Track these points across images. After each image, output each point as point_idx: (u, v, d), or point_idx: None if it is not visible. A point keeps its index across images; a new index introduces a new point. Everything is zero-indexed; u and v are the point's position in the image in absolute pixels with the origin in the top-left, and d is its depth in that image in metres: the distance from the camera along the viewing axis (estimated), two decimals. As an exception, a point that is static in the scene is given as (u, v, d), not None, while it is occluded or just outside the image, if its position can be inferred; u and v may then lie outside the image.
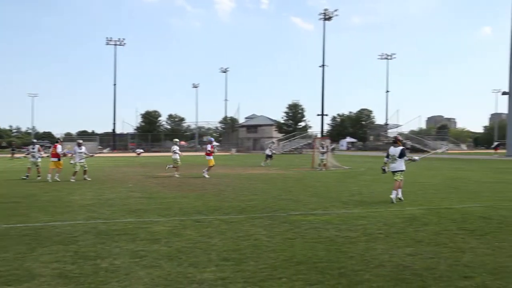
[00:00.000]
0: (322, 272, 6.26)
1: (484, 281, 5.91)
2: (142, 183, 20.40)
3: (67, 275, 6.18)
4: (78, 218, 10.87)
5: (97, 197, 15.17)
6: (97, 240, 8.39)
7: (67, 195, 15.76)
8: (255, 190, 17.24)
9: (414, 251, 7.50)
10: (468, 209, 12.20)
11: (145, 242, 8.17)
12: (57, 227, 9.72)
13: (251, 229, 9.38)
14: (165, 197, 15.04)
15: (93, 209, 12.42)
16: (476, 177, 23.79)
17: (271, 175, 24.96)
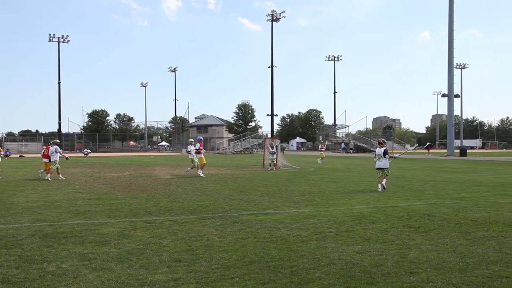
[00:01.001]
0: (274, 271, 6.30)
1: (429, 276, 6.07)
2: (90, 184, 20.05)
3: (10, 280, 6.00)
4: (22, 221, 10.58)
5: (43, 198, 14.82)
6: (43, 243, 8.20)
7: (10, 196, 15.36)
8: (206, 190, 17.20)
9: (363, 248, 7.62)
10: (413, 207, 12.50)
11: (94, 245, 8.04)
12: (1, 230, 9.46)
13: (203, 229, 9.35)
14: (114, 198, 14.83)
15: (39, 211, 12.11)
16: (420, 176, 24.39)
17: (222, 175, 24.95)
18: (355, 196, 14.95)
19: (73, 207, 12.77)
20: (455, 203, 13.42)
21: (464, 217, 10.77)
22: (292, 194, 15.58)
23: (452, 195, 15.32)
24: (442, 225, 9.84)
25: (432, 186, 18.81)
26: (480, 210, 11.99)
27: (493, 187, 18.32)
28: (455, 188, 17.93)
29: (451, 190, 16.97)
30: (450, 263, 6.72)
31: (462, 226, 9.71)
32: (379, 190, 16.67)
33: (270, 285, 5.71)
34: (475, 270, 6.41)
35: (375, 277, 6.02)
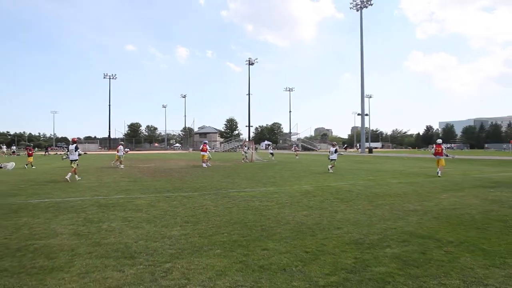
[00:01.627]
0: (250, 228, 6.34)
1: (349, 229, 6.19)
2: (129, 171, 19.81)
3: (79, 233, 6.03)
4: (85, 195, 10.45)
5: (98, 181, 14.59)
6: (99, 210, 8.14)
7: (78, 180, 15.11)
8: (205, 176, 17.13)
9: (308, 213, 7.70)
10: (339, 186, 12.63)
11: (131, 211, 7.99)
12: (72, 202, 9.32)
13: (203, 201, 9.32)
14: (145, 181, 14.68)
15: (96, 189, 11.95)
16: (343, 166, 24.62)
17: (216, 166, 24.84)
18: (303, 179, 15.04)
19: (118, 187, 12.62)
20: (365, 183, 13.61)
21: (371, 192, 10.94)
22: (262, 178, 15.62)
23: (364, 178, 15.52)
24: (357, 197, 9.97)
25: (351, 172, 19.01)
26: (380, 187, 12.18)
27: (388, 172, 18.62)
28: (365, 173, 18.16)
29: (363, 175, 17.18)
30: (361, 221, 6.86)
31: (369, 197, 9.86)
32: (330, 172, 18.35)
33: (248, 237, 5.75)
34: (377, 224, 6.56)
35: (315, 231, 6.11)
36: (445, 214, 7.48)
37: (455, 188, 11.76)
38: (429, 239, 5.57)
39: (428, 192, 10.93)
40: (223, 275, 4.09)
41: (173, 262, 4.56)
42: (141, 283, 3.90)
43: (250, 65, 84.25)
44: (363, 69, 60.86)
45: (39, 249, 5.13)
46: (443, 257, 4.70)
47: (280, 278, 4.00)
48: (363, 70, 60.95)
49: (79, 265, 4.46)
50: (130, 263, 4.54)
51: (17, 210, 8.24)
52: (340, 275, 4.08)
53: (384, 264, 4.42)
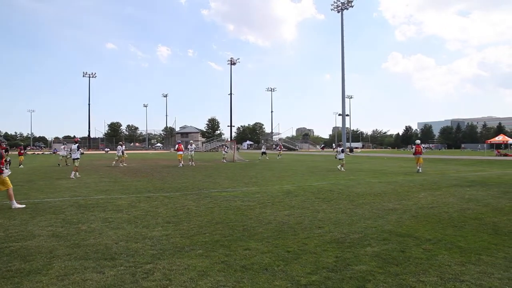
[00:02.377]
0: (232, 228, 6.34)
1: (330, 228, 6.25)
2: (109, 172, 19.51)
3: (58, 235, 5.91)
4: (64, 196, 10.26)
5: (78, 181, 14.31)
6: (78, 211, 7.99)
7: (56, 180, 14.80)
8: (187, 175, 17.02)
9: (289, 213, 7.74)
10: (320, 185, 12.74)
11: (112, 212, 7.88)
12: (50, 202, 9.13)
13: (184, 201, 9.26)
14: (125, 181, 14.48)
15: (75, 189, 11.72)
16: (324, 165, 24.85)
17: (198, 166, 24.70)
18: (285, 179, 15.12)
19: (98, 187, 12.41)
20: (346, 182, 13.77)
21: (352, 191, 11.08)
22: (244, 178, 15.62)
23: (344, 178, 15.70)
24: (338, 196, 10.07)
25: (332, 172, 19.20)
26: (361, 186, 12.35)
27: (368, 172, 18.90)
28: (346, 173, 18.36)
29: (344, 175, 17.37)
30: (342, 220, 6.93)
31: (350, 196, 9.99)
32: (342, 170, 19.54)
33: (230, 237, 5.75)
34: (357, 223, 6.64)
35: (297, 231, 6.15)
36: (424, 213, 7.65)
37: (432, 187, 12.03)
38: (408, 237, 5.68)
39: (407, 191, 11.14)
40: (205, 276, 4.07)
41: (155, 263, 4.51)
42: (122, 284, 3.84)
43: (232, 64, 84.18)
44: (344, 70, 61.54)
45: (15, 252, 5.00)
46: (421, 254, 4.80)
47: (262, 278, 4.01)
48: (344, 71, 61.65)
49: (58, 267, 4.37)
50: (111, 264, 4.47)
51: (-8, 211, 8.00)
52: (322, 274, 4.12)
53: (364, 263, 4.48)
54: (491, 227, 6.37)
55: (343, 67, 61.47)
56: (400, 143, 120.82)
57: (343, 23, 61.16)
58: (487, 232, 6.06)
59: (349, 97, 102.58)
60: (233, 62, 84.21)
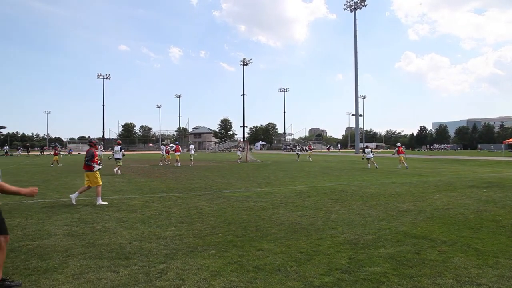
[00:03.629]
0: (245, 229, 6.34)
1: (343, 230, 6.20)
2: (123, 172, 19.73)
3: (73, 234, 6.01)
4: (79, 196, 10.37)
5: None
6: (93, 210, 8.11)
7: (71, 180, 15.04)
8: (200, 176, 17.10)
9: (302, 213, 7.71)
10: (334, 186, 12.66)
11: (126, 212, 7.96)
12: (65, 202, 9.28)
13: (197, 202, 9.31)
14: (139, 181, 14.63)
15: (90, 190, 11.86)
16: (338, 166, 24.69)
17: (211, 166, 24.83)
18: (298, 180, 15.07)
19: (112, 187, 12.56)
20: (360, 183, 13.66)
21: (365, 192, 10.98)
22: (257, 178, 15.62)
23: (358, 178, 15.58)
24: (351, 197, 10.00)
25: (346, 172, 19.07)
26: (374, 187, 12.24)
27: (382, 173, 18.70)
28: (360, 173, 18.22)
29: (357, 175, 17.24)
30: (356, 221, 6.88)
31: (363, 197, 9.90)
32: (376, 167, 21.83)
33: (242, 237, 5.75)
34: (371, 225, 6.58)
35: (310, 231, 6.12)
36: (439, 214, 7.53)
37: (448, 188, 11.84)
38: (423, 239, 5.60)
39: (422, 192, 10.99)
40: (218, 276, 4.08)
41: (168, 262, 4.54)
42: (136, 283, 3.88)
43: (245, 65, 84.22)
44: (357, 69, 61.12)
45: (32, 250, 5.09)
46: (437, 257, 4.72)
47: (275, 279, 4.00)
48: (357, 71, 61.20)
49: (73, 266, 4.43)
50: (125, 263, 4.51)
51: (10, 210, 8.17)
52: (335, 275, 4.08)
53: (378, 264, 4.43)
54: (509, 230, 6.23)
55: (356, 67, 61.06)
56: (414, 144, 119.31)
57: (356, 22, 60.74)
58: (505, 234, 5.92)
59: (362, 97, 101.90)
60: (245, 63, 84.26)
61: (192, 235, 5.93)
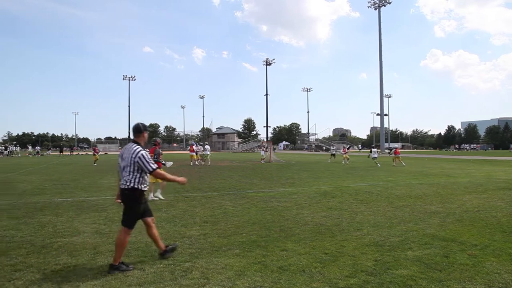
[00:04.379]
0: (268, 229, 6.33)
1: (368, 231, 6.10)
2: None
3: (101, 232, 6.16)
4: (106, 194, 10.68)
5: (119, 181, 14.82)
6: (120, 209, 8.16)
7: (99, 179, 15.42)
8: (224, 176, 17.21)
9: (327, 214, 7.64)
10: (358, 187, 12.49)
11: (152, 211, 8.07)
12: (93, 201, 9.52)
13: (221, 202, 9.36)
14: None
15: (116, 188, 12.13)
16: (362, 166, 24.34)
17: (234, 166, 24.93)
18: (322, 180, 14.94)
19: (139, 188, 12.79)
20: (385, 184, 13.42)
21: (391, 193, 10.78)
22: (280, 179, 15.59)
23: (383, 179, 15.31)
24: (377, 198, 9.84)
25: (371, 173, 18.78)
26: (400, 188, 11.99)
27: (408, 173, 18.31)
28: (385, 174, 17.91)
29: (383, 176, 16.95)
30: (381, 223, 6.75)
31: (389, 198, 9.72)
32: (379, 166, 23.73)
33: (266, 238, 5.74)
34: (397, 226, 6.45)
35: (335, 232, 6.05)
36: (469, 217, 7.29)
37: (478, 190, 11.46)
38: (452, 242, 5.43)
39: (450, 193, 10.69)
40: (242, 275, 4.09)
41: (193, 261, 4.58)
42: (161, 281, 3.93)
43: (268, 65, 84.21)
44: (382, 68, 60.11)
45: (62, 247, 5.24)
46: (467, 260, 4.57)
47: (299, 279, 3.97)
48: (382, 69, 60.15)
49: (101, 263, 4.53)
50: (151, 261, 4.59)
51: (42, 208, 8.45)
52: (360, 278, 4.02)
53: (405, 267, 4.33)
54: (544, 233, 5.97)
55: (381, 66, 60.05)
56: (442, 144, 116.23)
57: (380, 20, 59.78)
58: (539, 238, 5.68)
59: (387, 96, 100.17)
60: (268, 63, 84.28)
61: (217, 234, 5.97)
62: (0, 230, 6.31)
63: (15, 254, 4.92)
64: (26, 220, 7.12)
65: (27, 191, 11.75)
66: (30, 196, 10.54)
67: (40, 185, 13.35)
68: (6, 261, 4.60)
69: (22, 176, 17.40)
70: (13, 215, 7.65)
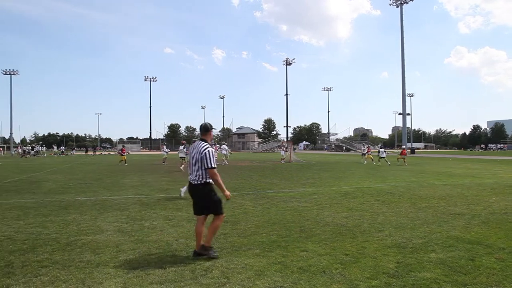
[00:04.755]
0: (289, 229, 6.31)
1: (390, 232, 6.01)
2: (169, 172, 20.31)
3: (123, 231, 6.25)
4: (128, 194, 10.86)
5: (140, 180, 15.11)
6: (141, 208, 8.40)
7: (121, 179, 15.71)
8: (244, 176, 17.25)
9: (348, 215, 7.56)
10: (380, 187, 12.31)
11: (172, 210, 8.19)
12: (116, 200, 9.70)
13: (242, 201, 9.39)
14: (185, 180, 14.95)
15: (138, 188, 12.36)
16: (384, 167, 23.97)
17: (254, 166, 24.95)
18: (342, 180, 14.79)
19: (159, 186, 12.98)
20: (408, 184, 13.18)
21: (413, 194, 10.57)
22: (301, 179, 15.52)
23: (405, 180, 15.04)
24: (399, 199, 9.67)
25: (392, 173, 18.48)
26: (423, 189, 11.75)
27: (431, 174, 17.92)
28: (408, 174, 17.58)
29: (405, 176, 16.65)
30: (404, 224, 6.64)
31: (411, 199, 9.54)
32: (389, 164, 25.54)
33: (286, 238, 5.72)
34: (420, 228, 6.32)
35: (356, 233, 5.98)
36: (495, 219, 7.08)
37: (506, 191, 11.11)
38: (478, 244, 5.28)
39: (475, 195, 10.40)
40: (262, 275, 4.08)
41: (213, 261, 4.61)
42: (182, 280, 3.97)
43: (288, 65, 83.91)
44: (404, 66, 59.04)
45: (86, 244, 5.37)
46: (494, 264, 4.43)
47: (320, 280, 3.94)
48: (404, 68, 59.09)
49: (124, 260, 4.62)
50: (171, 260, 4.64)
51: (66, 207, 8.67)
52: (382, 279, 3.96)
53: (428, 270, 4.24)
54: None
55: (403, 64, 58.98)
56: (467, 143, 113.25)
57: (402, 18, 58.70)
58: None
59: (410, 95, 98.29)
60: (288, 63, 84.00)
61: (237, 234, 5.98)
62: (28, 227, 6.51)
63: (41, 250, 5.07)
64: (52, 218, 7.32)
65: (52, 190, 12.08)
66: (56, 194, 10.84)
67: (64, 184, 13.70)
68: (33, 257, 4.75)
69: (48, 175, 17.91)
70: (39, 213, 7.89)
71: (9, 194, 10.96)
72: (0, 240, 5.63)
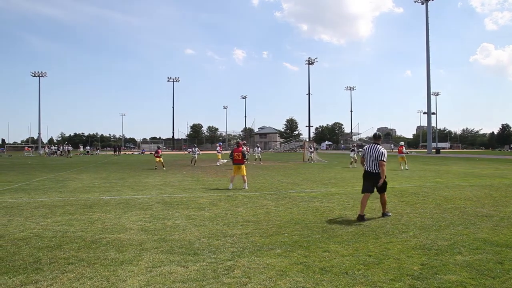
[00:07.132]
0: (311, 229, 6.27)
1: (415, 233, 5.89)
2: (192, 171, 20.52)
3: (146, 229, 6.34)
4: (152, 193, 11.02)
5: (163, 180, 15.31)
6: (164, 208, 8.51)
7: (144, 178, 15.97)
8: (266, 176, 17.25)
9: (371, 215, 7.45)
10: (404, 188, 12.09)
11: (195, 209, 8.26)
12: (139, 199, 9.87)
13: (264, 201, 9.39)
14: (206, 180, 15.11)
15: (161, 187, 12.54)
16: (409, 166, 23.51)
17: (276, 166, 24.91)
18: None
19: (182, 186, 13.13)
20: (433, 185, 12.89)
21: (438, 195, 10.33)
22: (323, 179, 15.40)
23: (430, 180, 14.71)
24: (423, 200, 9.48)
25: (417, 174, 18.12)
26: (449, 190, 11.47)
27: (458, 174, 17.47)
28: (433, 175, 17.20)
29: (430, 176, 16.29)
30: (429, 225, 6.49)
31: (437, 200, 9.33)
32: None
33: (308, 238, 5.69)
34: (446, 230, 6.17)
35: (379, 234, 5.90)
36: (525, 221, 6.84)
37: (536, 193, 10.72)
38: (507, 247, 5.11)
39: (504, 196, 10.08)
40: (284, 275, 4.08)
41: (235, 260, 4.63)
42: (204, 279, 4.01)
43: (310, 64, 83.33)
44: (429, 65, 57.72)
45: (111, 242, 5.48)
46: (523, 267, 4.29)
47: (342, 281, 3.90)
48: (429, 66, 57.78)
49: (147, 259, 4.69)
50: (194, 259, 4.69)
51: (91, 205, 8.89)
52: (406, 281, 3.88)
53: (454, 272, 4.14)
54: None
55: (428, 62, 57.68)
56: (495, 143, 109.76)
57: (427, 15, 57.36)
58: None
59: (435, 94, 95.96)
60: (310, 62, 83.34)
61: (258, 234, 5.99)
62: (55, 225, 6.71)
63: (68, 248, 5.21)
64: (78, 216, 7.53)
65: (78, 188, 12.41)
66: (81, 193, 11.13)
67: (90, 183, 14.05)
68: (60, 254, 4.89)
69: (74, 175, 18.41)
70: (66, 211, 8.12)
71: (37, 193, 11.32)
72: (29, 237, 5.83)
